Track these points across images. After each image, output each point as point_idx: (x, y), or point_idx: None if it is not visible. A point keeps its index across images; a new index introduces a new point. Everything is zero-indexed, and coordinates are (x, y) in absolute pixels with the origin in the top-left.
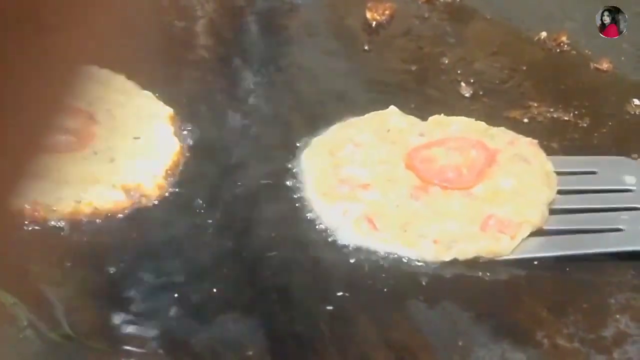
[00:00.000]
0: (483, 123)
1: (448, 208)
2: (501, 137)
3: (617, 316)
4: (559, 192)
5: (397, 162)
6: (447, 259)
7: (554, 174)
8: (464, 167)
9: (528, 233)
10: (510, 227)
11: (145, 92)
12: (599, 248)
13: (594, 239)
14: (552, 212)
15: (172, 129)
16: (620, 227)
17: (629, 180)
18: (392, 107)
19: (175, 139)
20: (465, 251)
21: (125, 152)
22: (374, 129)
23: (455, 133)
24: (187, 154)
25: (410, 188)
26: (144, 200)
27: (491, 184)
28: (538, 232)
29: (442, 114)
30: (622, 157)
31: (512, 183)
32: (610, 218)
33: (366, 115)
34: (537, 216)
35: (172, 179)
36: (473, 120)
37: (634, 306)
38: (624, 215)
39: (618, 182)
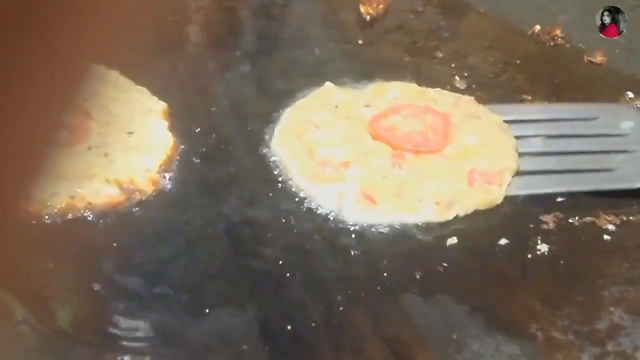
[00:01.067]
0: (417, 85)
1: (431, 171)
2: (443, 100)
3: (611, 309)
4: (562, 136)
5: (363, 136)
6: (450, 217)
7: (504, 123)
8: (429, 131)
9: (510, 178)
10: (494, 176)
11: (139, 87)
12: (593, 186)
13: (587, 178)
14: (549, 154)
15: (166, 124)
16: (612, 167)
17: (625, 126)
18: (328, 83)
19: (169, 134)
20: (464, 207)
21: (119, 147)
22: (323, 107)
23: (395, 98)
24: (181, 149)
25: (388, 157)
26: (138, 195)
27: (458, 144)
28: (534, 172)
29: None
30: (621, 104)
31: (476, 138)
32: (603, 159)
33: (308, 97)
34: (512, 161)
35: (166, 173)
36: (408, 83)
37: (627, 299)
38: (618, 157)
39: (614, 127)
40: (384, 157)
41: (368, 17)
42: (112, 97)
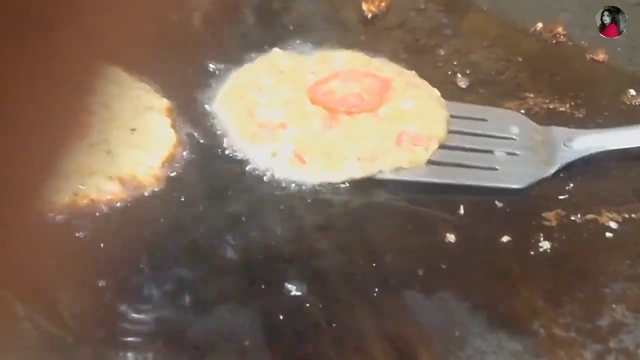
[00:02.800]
0: (364, 55)
1: (361, 130)
2: (388, 69)
3: (613, 305)
4: (453, 132)
5: (303, 100)
6: (373, 172)
7: (442, 99)
8: (364, 93)
9: (437, 145)
10: (422, 140)
11: (142, 84)
12: (475, 181)
13: (472, 173)
14: (443, 147)
15: (168, 121)
16: (496, 167)
17: (514, 130)
18: (276, 49)
19: (172, 131)
20: (387, 163)
21: (121, 144)
22: (269, 71)
23: (341, 66)
24: (184, 146)
25: (321, 119)
26: (140, 192)
27: (393, 106)
28: (433, 162)
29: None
30: (511, 111)
31: (412, 104)
32: (489, 158)
33: (256, 61)
34: (441, 130)
35: (168, 170)
36: (354, 52)
37: (629, 296)
38: (502, 158)
39: (504, 130)
40: (319, 120)
41: (370, 15)
42: (114, 94)
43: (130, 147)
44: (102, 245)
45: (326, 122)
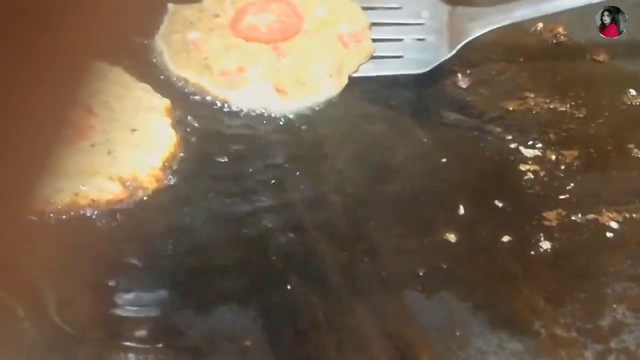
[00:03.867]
0: None
1: (308, 49)
2: None
3: (614, 306)
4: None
5: (238, 41)
6: (345, 81)
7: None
8: (282, 17)
9: (370, 32)
10: (359, 34)
11: (142, 84)
12: (383, 72)
13: (380, 63)
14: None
15: (169, 121)
16: (401, 54)
17: (424, 14)
18: (170, 5)
19: (172, 131)
20: (350, 67)
21: (122, 144)
22: (186, 27)
23: (233, 2)
24: (184, 146)
25: (269, 52)
26: (141, 192)
27: (313, 18)
28: None
29: None
30: None
31: (326, 9)
32: (398, 46)
33: (164, 23)
34: (365, 20)
35: (169, 170)
36: None
37: (630, 296)
38: (410, 44)
39: (415, 16)
40: (266, 53)
41: None
42: (115, 94)
43: (131, 147)
44: (102, 245)
45: (274, 52)
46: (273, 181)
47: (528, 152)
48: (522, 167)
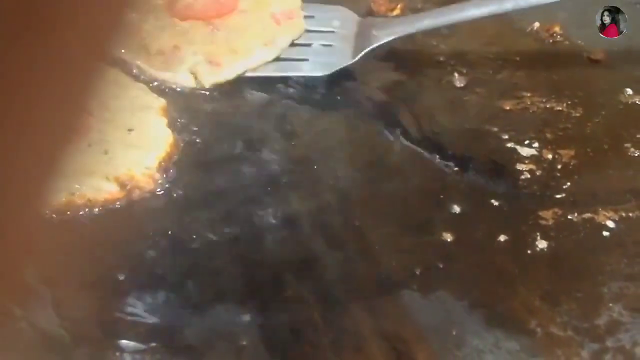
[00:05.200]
0: None
1: (241, 24)
2: None
3: (611, 305)
4: None
5: (173, 21)
6: (278, 52)
7: None
8: None
9: (302, 12)
10: (291, 13)
11: (139, 84)
12: (288, 72)
13: (286, 64)
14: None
15: (165, 121)
16: (308, 58)
17: (335, 24)
18: None
19: (169, 131)
20: (284, 40)
21: (119, 144)
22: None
23: None
24: (181, 146)
25: (204, 27)
26: (137, 192)
27: None
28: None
29: None
30: (339, 6)
31: None
32: (306, 51)
33: None
34: (299, 3)
35: (165, 170)
36: None
37: (627, 295)
38: (317, 49)
39: (326, 24)
40: (202, 28)
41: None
42: (111, 94)
43: (128, 147)
44: (98, 245)
45: (208, 27)
46: (268, 181)
47: (524, 151)
48: (519, 167)
